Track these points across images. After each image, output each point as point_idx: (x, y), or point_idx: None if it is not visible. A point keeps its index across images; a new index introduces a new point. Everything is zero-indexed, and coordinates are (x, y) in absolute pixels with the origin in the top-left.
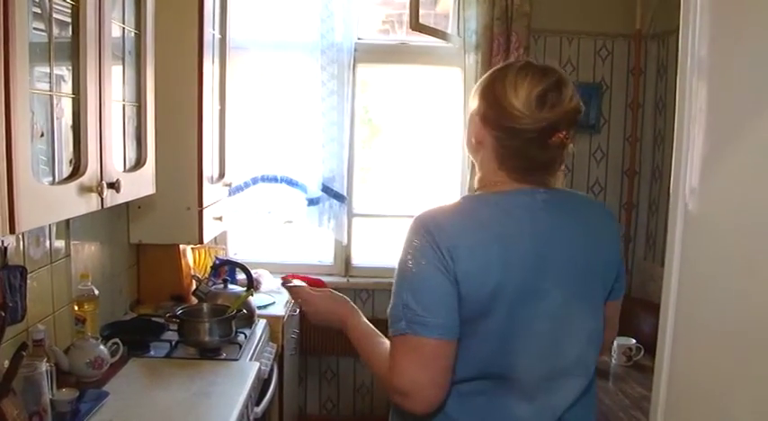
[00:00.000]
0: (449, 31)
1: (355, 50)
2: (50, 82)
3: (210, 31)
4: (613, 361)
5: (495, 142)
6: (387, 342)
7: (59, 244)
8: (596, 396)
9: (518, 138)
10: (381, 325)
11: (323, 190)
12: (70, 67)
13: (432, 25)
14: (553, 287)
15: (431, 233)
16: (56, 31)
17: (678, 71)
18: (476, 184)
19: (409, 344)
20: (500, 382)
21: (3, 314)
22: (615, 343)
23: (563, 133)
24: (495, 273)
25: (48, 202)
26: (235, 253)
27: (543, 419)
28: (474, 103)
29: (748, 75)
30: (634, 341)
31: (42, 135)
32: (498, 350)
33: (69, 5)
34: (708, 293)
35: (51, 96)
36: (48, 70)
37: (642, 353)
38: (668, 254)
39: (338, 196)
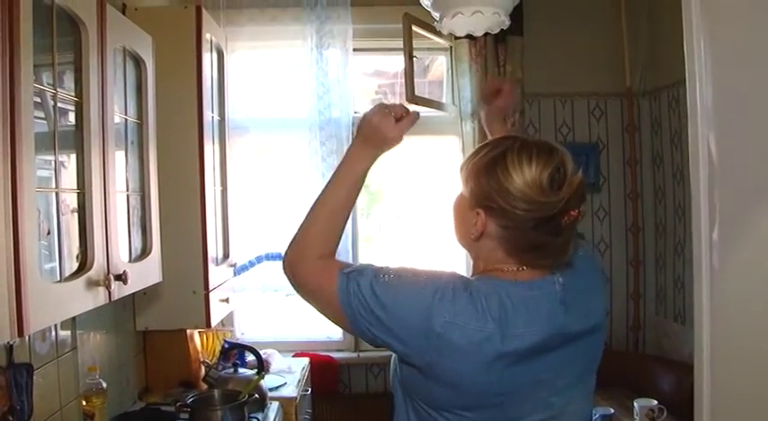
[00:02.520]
0: (444, 100)
1: (353, 125)
2: (54, 170)
3: (209, 114)
4: None
5: (501, 232)
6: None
7: (65, 335)
8: None
9: (529, 226)
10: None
11: None
12: (71, 155)
13: (426, 94)
14: (555, 376)
15: (444, 293)
16: (57, 119)
17: (689, 125)
18: (476, 269)
19: (336, 274)
20: None
21: (10, 419)
22: (636, 405)
23: (575, 211)
24: (480, 374)
25: (55, 301)
26: (242, 333)
27: None
28: (467, 189)
29: (758, 124)
30: (656, 402)
31: (49, 233)
32: None
33: (72, 101)
34: (741, 351)
35: (57, 193)
36: (48, 158)
37: (665, 414)
38: (696, 314)
39: None
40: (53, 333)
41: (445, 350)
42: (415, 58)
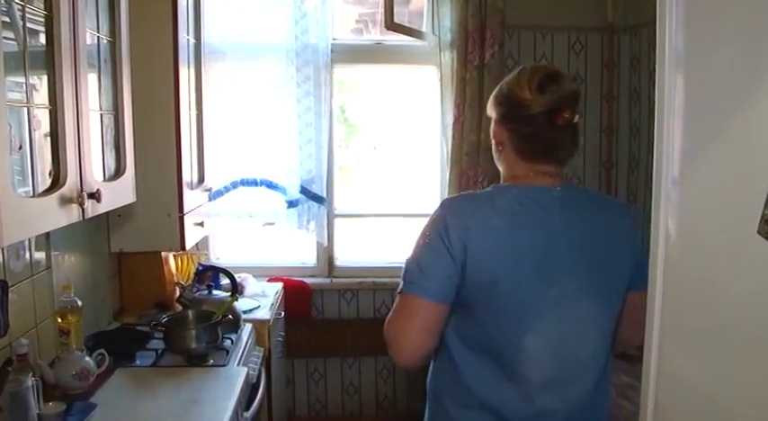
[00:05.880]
0: (423, 29)
1: (331, 52)
2: (26, 92)
3: (185, 37)
4: None
5: (511, 135)
6: None
7: (40, 256)
8: (609, 393)
9: (530, 124)
10: (367, 324)
11: (301, 192)
12: (42, 77)
13: (406, 24)
14: (564, 278)
15: (446, 215)
16: (28, 39)
17: (657, 64)
18: (501, 180)
19: (402, 300)
20: (513, 365)
21: None
22: None
23: (567, 113)
24: (503, 256)
25: (29, 216)
26: (217, 257)
27: (556, 410)
28: (491, 111)
29: (725, 67)
30: None
31: (21, 148)
32: (508, 330)
33: (42, 15)
34: (693, 285)
35: (28, 108)
36: (19, 79)
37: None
38: (653, 247)
39: (317, 198)
40: (27, 252)
41: (466, 239)
42: None
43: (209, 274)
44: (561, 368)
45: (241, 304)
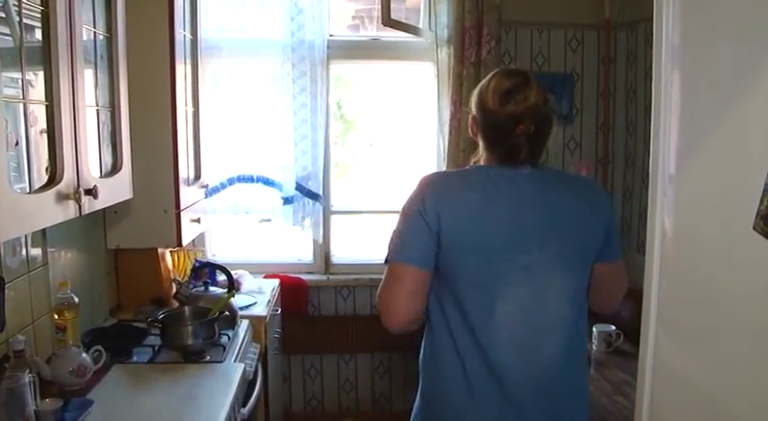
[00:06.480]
0: (420, 25)
1: (328, 48)
2: (22, 88)
3: (181, 32)
4: (594, 347)
5: (482, 133)
6: None
7: (36, 252)
8: (585, 364)
9: (492, 129)
10: (363, 320)
11: (296, 188)
12: (38, 72)
13: (403, 20)
14: (534, 246)
15: (423, 189)
16: (24, 35)
17: (653, 61)
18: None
19: (389, 269)
20: (484, 331)
21: None
22: (595, 330)
23: (524, 125)
24: (474, 226)
25: (25, 212)
26: (213, 254)
27: (529, 377)
28: (471, 105)
29: (721, 64)
30: (614, 327)
31: (17, 144)
32: (479, 296)
33: (38, 10)
34: (688, 282)
35: (24, 104)
36: (15, 75)
37: (621, 338)
38: (648, 242)
39: (312, 195)
40: (24, 249)
41: (440, 211)
42: None
43: (205, 271)
44: (530, 333)
45: (238, 300)
